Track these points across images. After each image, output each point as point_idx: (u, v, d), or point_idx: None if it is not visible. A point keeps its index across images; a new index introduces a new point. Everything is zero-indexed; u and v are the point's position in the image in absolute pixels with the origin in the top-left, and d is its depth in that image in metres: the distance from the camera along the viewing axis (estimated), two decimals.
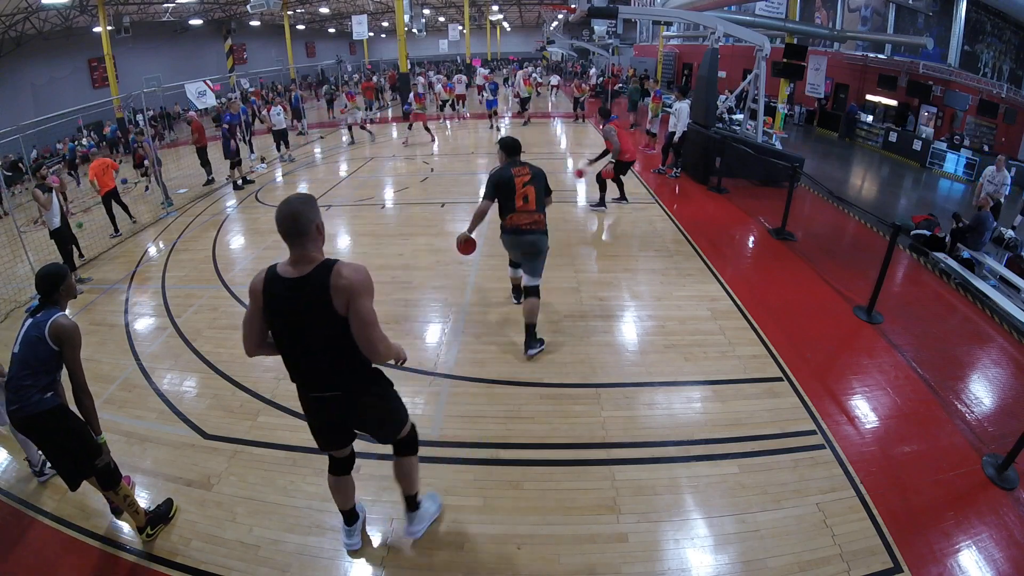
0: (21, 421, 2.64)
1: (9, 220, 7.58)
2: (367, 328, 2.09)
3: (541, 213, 4.07)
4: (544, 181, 4.12)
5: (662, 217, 7.69)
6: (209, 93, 11.03)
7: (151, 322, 5.32)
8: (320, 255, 2.12)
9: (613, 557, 2.71)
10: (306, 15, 32.69)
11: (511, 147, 4.20)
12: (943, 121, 13.46)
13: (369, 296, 2.09)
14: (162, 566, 2.75)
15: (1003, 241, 6.85)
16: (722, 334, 4.65)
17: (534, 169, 4.10)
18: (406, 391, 4.05)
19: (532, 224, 4.05)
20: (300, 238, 2.06)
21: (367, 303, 2.08)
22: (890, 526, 2.82)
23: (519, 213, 4.03)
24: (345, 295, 2.05)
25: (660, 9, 17.91)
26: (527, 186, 4.01)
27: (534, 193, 4.02)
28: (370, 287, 2.10)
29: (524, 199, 4.01)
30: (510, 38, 46.70)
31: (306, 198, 2.13)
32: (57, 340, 2.58)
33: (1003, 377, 4.26)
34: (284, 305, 2.11)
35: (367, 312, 2.08)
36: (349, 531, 2.74)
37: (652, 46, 29.95)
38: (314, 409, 2.35)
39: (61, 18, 18.36)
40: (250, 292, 2.17)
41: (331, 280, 2.04)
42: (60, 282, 2.69)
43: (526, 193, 4.01)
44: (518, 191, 4.00)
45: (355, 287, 2.05)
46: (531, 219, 4.04)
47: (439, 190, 9.42)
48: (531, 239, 4.09)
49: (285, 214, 2.05)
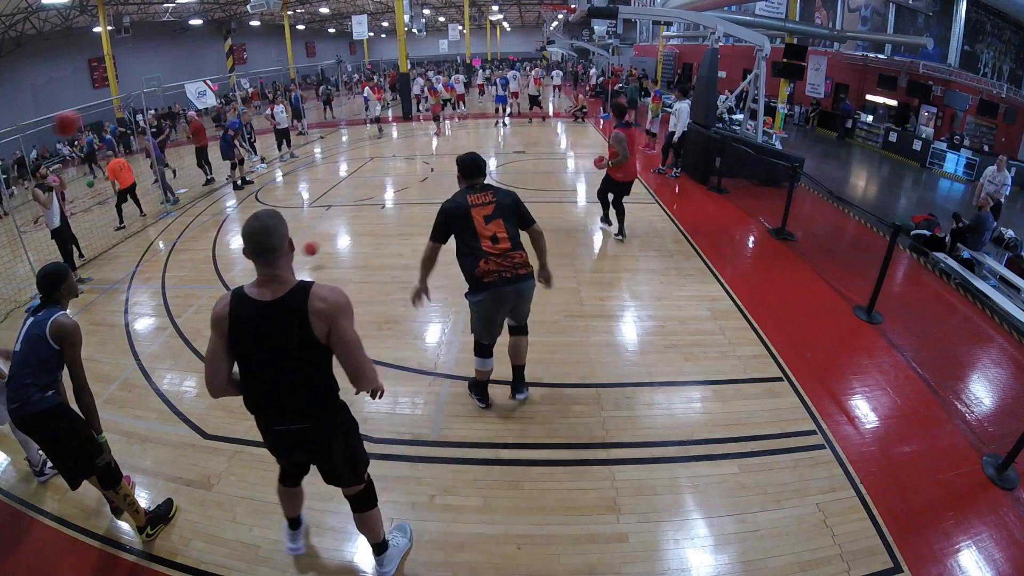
0: (22, 420, 2.64)
1: (9, 220, 7.58)
2: (354, 351, 1.99)
3: (520, 250, 3.16)
4: (517, 208, 3.24)
5: (662, 217, 7.68)
6: (209, 93, 11.04)
7: (151, 322, 5.32)
8: (292, 275, 1.99)
9: (613, 557, 2.71)
10: (306, 15, 32.69)
11: (469, 166, 3.28)
12: (943, 121, 13.46)
13: (351, 318, 1.99)
14: (162, 566, 2.75)
15: (1003, 241, 6.85)
16: (722, 334, 4.65)
17: (501, 195, 3.22)
18: (406, 391, 4.09)
19: (512, 269, 3.10)
20: (272, 255, 1.91)
21: (349, 325, 1.98)
22: (890, 526, 2.82)
23: (489, 258, 3.06)
24: (326, 320, 1.93)
25: (660, 9, 17.92)
26: (492, 220, 3.09)
27: (503, 226, 3.11)
28: (351, 309, 2.00)
29: (492, 239, 3.08)
30: (510, 38, 46.69)
31: (274, 212, 1.98)
32: (58, 339, 2.58)
33: (1003, 377, 4.26)
34: (254, 331, 1.94)
35: (352, 335, 1.98)
36: (293, 535, 2.72)
37: (652, 46, 29.95)
38: (277, 443, 2.23)
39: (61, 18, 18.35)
40: (213, 320, 1.97)
41: (309, 304, 1.91)
42: (61, 281, 2.70)
43: (493, 231, 3.08)
44: (479, 227, 3.08)
45: (335, 310, 1.94)
46: (508, 261, 3.09)
47: (439, 190, 9.41)
48: (515, 289, 3.17)
49: (256, 229, 1.89)
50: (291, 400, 2.06)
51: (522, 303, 3.36)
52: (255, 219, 1.91)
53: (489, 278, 3.09)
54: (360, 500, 2.44)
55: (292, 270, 2.00)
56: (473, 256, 3.10)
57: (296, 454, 2.32)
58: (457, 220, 3.15)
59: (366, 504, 2.45)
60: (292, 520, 2.70)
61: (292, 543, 2.73)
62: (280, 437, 2.18)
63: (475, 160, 3.33)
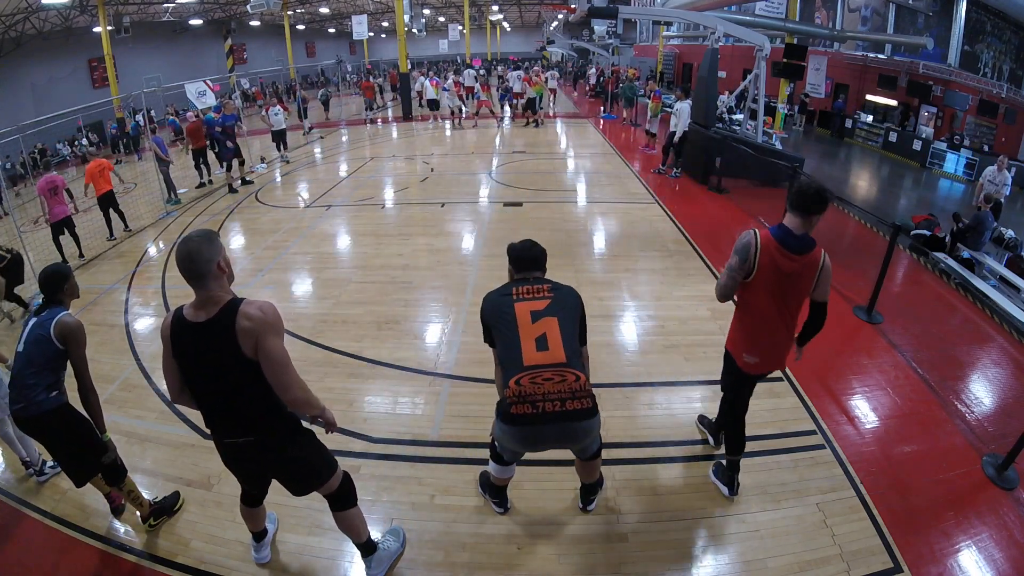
0: (25, 421, 2.65)
1: (9, 220, 7.58)
2: (278, 368, 1.98)
3: (576, 369, 2.24)
4: (577, 311, 2.42)
5: (662, 217, 7.68)
6: (209, 93, 11.03)
7: (151, 322, 5.32)
8: (226, 294, 1.99)
9: (613, 557, 2.70)
10: (306, 15, 32.69)
11: (520, 256, 2.52)
12: (943, 121, 13.46)
13: (277, 335, 1.98)
14: (162, 566, 2.75)
15: (1003, 241, 6.85)
16: (722, 334, 4.61)
17: (563, 291, 2.44)
18: (406, 391, 4.09)
19: (559, 398, 2.18)
20: (201, 279, 1.93)
21: (275, 342, 1.97)
22: (890, 526, 2.82)
23: (531, 373, 2.19)
24: (252, 337, 1.94)
25: (660, 9, 17.91)
26: (542, 317, 2.29)
27: (557, 328, 2.28)
28: (277, 326, 1.99)
29: (538, 342, 2.24)
30: (510, 38, 46.69)
31: (205, 235, 1.97)
32: (62, 339, 2.60)
33: (1003, 377, 4.26)
34: (191, 350, 2.00)
35: (276, 352, 1.97)
36: (258, 546, 2.72)
37: (652, 46, 29.96)
38: (229, 455, 2.26)
39: (61, 18, 18.36)
40: (161, 337, 2.07)
41: (236, 323, 1.93)
42: (64, 282, 2.72)
43: (541, 331, 2.26)
44: (522, 325, 2.28)
45: (260, 328, 1.94)
46: (556, 385, 2.19)
47: (439, 190, 9.42)
48: (560, 431, 2.25)
49: (181, 255, 1.91)
50: (234, 414, 2.11)
51: (576, 444, 2.41)
52: (183, 244, 1.93)
53: (520, 409, 2.18)
54: (335, 499, 2.42)
55: (226, 288, 2.02)
56: (508, 367, 2.25)
57: (246, 466, 2.34)
58: (495, 316, 2.37)
59: (342, 503, 2.43)
60: (256, 534, 2.70)
61: (257, 553, 2.73)
62: (229, 449, 2.23)
63: (529, 249, 2.54)
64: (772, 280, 2.47)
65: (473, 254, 6.52)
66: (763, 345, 2.64)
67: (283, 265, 6.44)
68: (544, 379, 2.18)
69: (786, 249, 2.40)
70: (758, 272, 2.46)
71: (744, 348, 2.67)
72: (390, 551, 2.68)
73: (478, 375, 4.14)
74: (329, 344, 4.64)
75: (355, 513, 2.49)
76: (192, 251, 1.90)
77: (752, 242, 2.46)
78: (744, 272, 2.49)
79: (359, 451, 3.41)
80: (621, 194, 8.93)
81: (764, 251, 2.43)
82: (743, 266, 2.48)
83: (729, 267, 2.54)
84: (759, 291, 2.51)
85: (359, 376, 4.23)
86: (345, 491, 2.44)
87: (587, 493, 2.88)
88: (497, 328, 2.36)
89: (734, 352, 2.74)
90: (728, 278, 2.55)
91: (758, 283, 2.49)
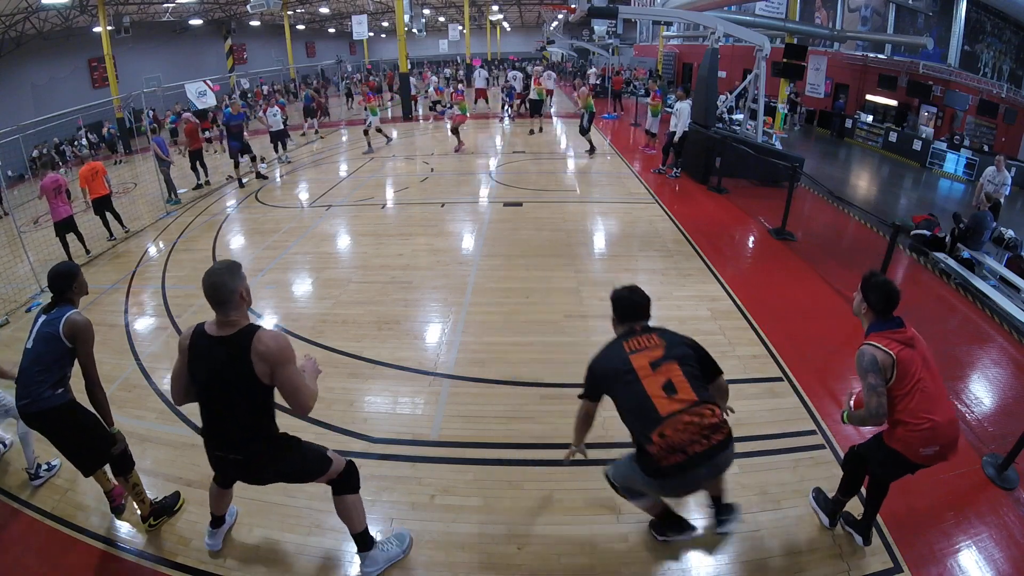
0: (31, 416, 2.69)
1: (9, 220, 7.58)
2: (294, 393, 2.18)
3: (710, 403, 2.17)
4: (696, 351, 2.37)
5: (662, 217, 7.68)
6: (209, 93, 11.03)
7: (151, 322, 5.32)
8: (244, 319, 2.21)
9: (613, 557, 2.71)
10: (306, 15, 32.67)
11: (626, 306, 2.46)
12: (943, 121, 13.45)
13: (290, 363, 2.18)
14: (162, 566, 2.75)
15: (1003, 241, 6.84)
16: (722, 334, 4.65)
17: (672, 336, 2.38)
18: (406, 391, 4.09)
19: (701, 436, 2.10)
20: (224, 306, 2.14)
21: (288, 371, 2.17)
22: (890, 526, 2.82)
23: (671, 422, 2.10)
24: (267, 363, 2.13)
25: (660, 9, 17.90)
26: (662, 364, 2.22)
27: (679, 370, 2.22)
28: (290, 355, 2.18)
29: (667, 388, 2.17)
30: (510, 38, 46.67)
31: (229, 267, 2.18)
32: (71, 337, 2.63)
33: (1003, 377, 4.26)
34: (205, 360, 2.20)
35: (290, 380, 2.17)
36: (213, 532, 2.78)
37: (652, 46, 29.94)
38: (214, 464, 2.43)
39: (61, 18, 18.34)
40: (179, 346, 2.28)
41: (252, 344, 2.12)
42: (72, 280, 2.75)
43: (666, 377, 2.19)
44: (646, 380, 2.19)
45: (275, 357, 2.13)
46: (696, 425, 2.10)
47: (439, 190, 9.42)
48: (713, 466, 2.15)
49: (207, 285, 2.13)
50: (228, 429, 2.27)
51: (724, 472, 2.31)
52: (209, 276, 2.14)
53: (671, 460, 2.09)
54: (336, 483, 2.51)
55: (245, 314, 2.23)
56: (643, 422, 2.16)
57: (232, 476, 2.52)
58: (612, 379, 2.30)
59: (339, 488, 2.51)
60: (216, 518, 2.76)
61: (211, 540, 2.79)
62: (218, 461, 2.40)
63: (635, 297, 2.44)
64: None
65: (473, 254, 6.52)
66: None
67: (283, 265, 6.44)
68: (685, 423, 2.10)
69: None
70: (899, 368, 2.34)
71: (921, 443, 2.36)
72: (388, 554, 2.66)
73: (478, 375, 4.15)
74: (329, 344, 4.64)
75: (352, 501, 2.52)
76: (217, 283, 2.12)
77: (877, 353, 2.37)
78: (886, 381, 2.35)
79: (359, 451, 3.41)
80: (621, 194, 8.93)
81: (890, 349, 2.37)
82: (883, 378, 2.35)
83: (872, 387, 2.34)
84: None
85: (359, 376, 4.23)
86: (349, 475, 2.53)
87: (722, 512, 2.66)
88: (616, 389, 2.28)
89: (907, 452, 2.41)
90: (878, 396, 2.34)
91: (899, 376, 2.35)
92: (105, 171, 7.76)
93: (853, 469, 2.68)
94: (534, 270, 5.97)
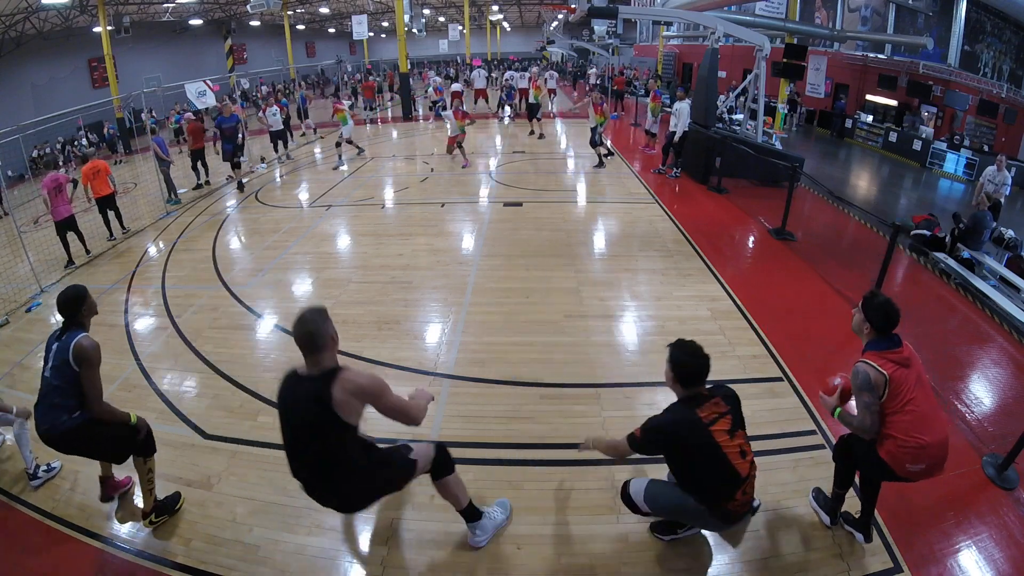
0: (51, 439, 2.74)
1: (9, 220, 7.58)
2: (404, 415, 2.33)
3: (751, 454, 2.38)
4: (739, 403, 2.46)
5: (662, 217, 7.68)
6: (209, 93, 11.03)
7: (151, 322, 5.32)
8: (333, 363, 2.25)
9: (613, 557, 2.71)
10: (306, 15, 32.68)
11: (690, 370, 2.35)
12: (943, 121, 13.45)
13: (385, 392, 2.26)
14: (162, 566, 2.75)
15: (1003, 241, 6.84)
16: (722, 334, 4.64)
17: (724, 392, 2.43)
18: (406, 391, 4.07)
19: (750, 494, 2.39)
20: (317, 352, 2.19)
21: (388, 396, 2.27)
22: (890, 526, 2.82)
23: (750, 480, 2.35)
24: (364, 398, 2.21)
25: (660, 9, 17.90)
26: (735, 432, 2.32)
27: (744, 434, 2.36)
28: (379, 386, 2.25)
29: (742, 453, 2.30)
30: (510, 38, 46.68)
31: (319, 313, 2.23)
32: (78, 360, 2.66)
33: (1003, 377, 4.26)
34: (291, 395, 2.25)
35: (395, 404, 2.30)
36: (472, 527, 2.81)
37: (652, 46, 29.94)
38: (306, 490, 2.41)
39: (61, 18, 18.34)
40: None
41: (335, 386, 2.15)
42: (81, 303, 2.78)
43: (739, 444, 2.31)
44: (728, 451, 2.27)
45: (368, 392, 2.21)
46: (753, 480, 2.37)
47: (439, 190, 9.43)
48: (747, 514, 2.49)
49: (301, 333, 2.17)
50: (308, 461, 2.29)
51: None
52: (301, 324, 2.18)
53: (743, 510, 2.41)
54: (433, 471, 2.61)
55: (335, 359, 2.26)
56: (726, 484, 2.31)
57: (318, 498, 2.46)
58: (695, 451, 2.30)
59: (439, 472, 2.62)
60: (470, 510, 2.77)
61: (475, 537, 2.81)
62: (305, 485, 2.39)
63: (700, 362, 2.34)
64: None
65: (473, 254, 6.52)
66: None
67: (283, 265, 6.44)
68: (753, 479, 2.38)
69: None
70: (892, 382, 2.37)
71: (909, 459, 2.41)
72: (495, 520, 2.84)
73: (478, 375, 4.15)
74: None
75: (452, 481, 2.64)
76: (312, 332, 2.17)
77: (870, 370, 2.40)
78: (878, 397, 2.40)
79: None
80: (621, 194, 8.93)
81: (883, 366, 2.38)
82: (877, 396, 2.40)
83: (867, 405, 2.42)
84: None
85: None
86: (442, 460, 2.62)
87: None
88: (695, 457, 2.32)
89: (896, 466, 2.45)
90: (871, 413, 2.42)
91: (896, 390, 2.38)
92: (109, 170, 7.77)
93: (843, 458, 2.73)
94: (534, 270, 5.98)
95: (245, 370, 4.34)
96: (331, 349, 2.23)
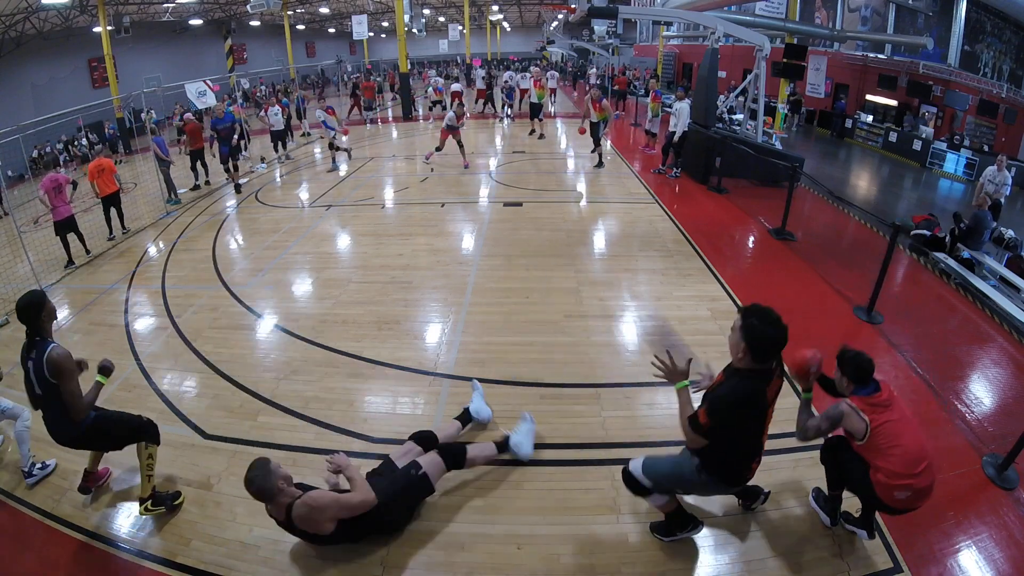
0: (64, 443, 2.86)
1: (9, 220, 7.57)
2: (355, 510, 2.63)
3: None
4: None
5: (662, 217, 7.68)
6: (209, 93, 11.00)
7: (151, 322, 5.32)
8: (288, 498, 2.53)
9: (613, 557, 2.71)
10: (306, 15, 32.67)
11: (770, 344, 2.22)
12: (943, 121, 13.45)
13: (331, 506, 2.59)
14: (162, 566, 2.75)
15: (1003, 241, 6.84)
16: (722, 334, 4.62)
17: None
18: (406, 391, 4.09)
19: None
20: (272, 501, 2.52)
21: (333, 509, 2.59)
22: (890, 526, 2.82)
23: (758, 455, 2.47)
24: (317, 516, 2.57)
25: (660, 9, 17.90)
26: (771, 404, 2.38)
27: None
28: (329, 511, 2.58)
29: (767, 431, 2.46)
30: (510, 38, 46.67)
31: (260, 469, 2.49)
32: (54, 375, 2.71)
33: (1003, 377, 4.26)
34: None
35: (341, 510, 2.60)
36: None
37: (652, 46, 29.94)
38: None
39: (61, 18, 18.33)
40: None
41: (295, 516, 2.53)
42: (40, 309, 2.80)
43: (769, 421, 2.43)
44: (767, 423, 2.41)
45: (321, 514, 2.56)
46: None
47: (439, 190, 9.42)
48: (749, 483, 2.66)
49: (252, 493, 2.50)
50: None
51: None
52: (248, 484, 2.48)
53: (750, 476, 2.51)
54: (446, 464, 3.02)
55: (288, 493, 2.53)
56: (751, 453, 2.43)
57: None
58: (755, 413, 2.29)
59: (454, 461, 3.04)
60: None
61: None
62: None
63: (780, 329, 2.19)
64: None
65: (473, 254, 6.52)
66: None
67: (283, 265, 6.44)
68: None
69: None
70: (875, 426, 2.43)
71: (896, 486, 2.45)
72: (523, 432, 3.29)
73: (478, 375, 4.14)
74: (329, 344, 4.64)
75: (471, 458, 3.09)
76: (259, 488, 2.47)
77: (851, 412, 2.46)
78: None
79: (359, 451, 3.41)
80: (621, 194, 8.93)
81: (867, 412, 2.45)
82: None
83: (819, 428, 2.54)
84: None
85: (359, 376, 4.23)
86: (448, 459, 3.01)
87: (750, 493, 2.94)
88: (746, 421, 2.32)
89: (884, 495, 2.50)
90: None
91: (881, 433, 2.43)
92: (115, 168, 7.81)
93: (829, 460, 2.77)
94: (534, 270, 5.98)
95: (245, 370, 4.34)
96: (283, 491, 2.49)
